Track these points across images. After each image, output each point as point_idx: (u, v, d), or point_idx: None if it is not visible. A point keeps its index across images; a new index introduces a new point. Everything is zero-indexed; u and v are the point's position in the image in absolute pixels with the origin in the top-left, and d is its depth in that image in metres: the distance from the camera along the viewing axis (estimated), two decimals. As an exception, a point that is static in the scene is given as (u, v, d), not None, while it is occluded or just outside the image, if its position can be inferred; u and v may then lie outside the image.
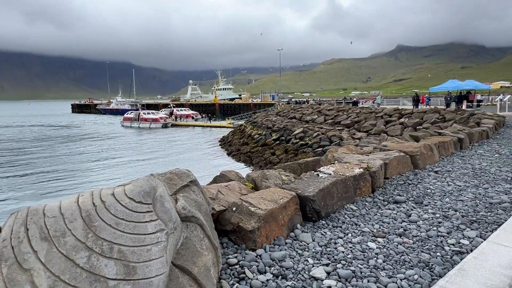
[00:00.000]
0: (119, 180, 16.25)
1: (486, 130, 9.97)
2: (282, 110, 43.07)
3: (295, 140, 23.44)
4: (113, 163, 22.35)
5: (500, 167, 5.70)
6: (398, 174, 5.10)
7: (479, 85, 32.26)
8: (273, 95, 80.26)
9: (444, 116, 20.59)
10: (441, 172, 5.37)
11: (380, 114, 26.44)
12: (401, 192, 4.28)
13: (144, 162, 22.74)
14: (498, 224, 3.25)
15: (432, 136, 8.03)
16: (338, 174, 3.97)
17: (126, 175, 17.62)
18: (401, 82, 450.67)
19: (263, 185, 3.69)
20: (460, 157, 6.73)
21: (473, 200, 3.96)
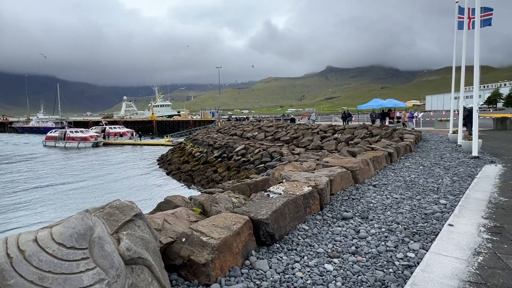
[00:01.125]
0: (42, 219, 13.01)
1: (409, 144, 11.07)
2: (223, 127, 43.02)
3: (237, 157, 23.41)
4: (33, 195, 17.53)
5: (426, 179, 6.29)
6: (342, 190, 5.28)
7: (397, 104, 36.31)
8: (213, 112, 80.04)
9: (372, 131, 22.54)
10: (379, 186, 5.71)
11: (316, 130, 27.92)
12: (348, 208, 4.41)
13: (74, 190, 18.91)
14: (435, 234, 3.49)
15: (366, 151, 8.61)
16: (288, 193, 3.93)
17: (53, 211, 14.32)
18: (332, 100, 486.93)
19: (213, 210, 3.46)
20: (392, 170, 7.29)
21: (411, 212, 4.24)
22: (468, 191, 5.30)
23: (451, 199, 4.86)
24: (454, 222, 3.84)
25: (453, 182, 6.00)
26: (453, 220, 3.91)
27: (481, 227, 3.66)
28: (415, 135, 14.69)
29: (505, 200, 4.77)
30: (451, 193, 5.18)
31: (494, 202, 4.66)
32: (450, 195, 5.06)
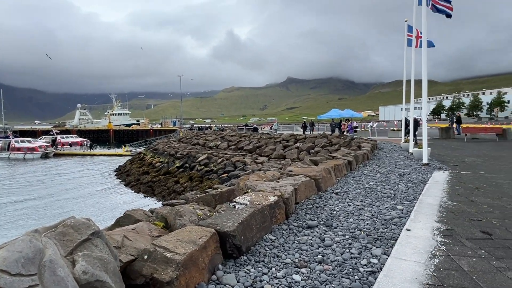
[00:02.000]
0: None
1: (366, 153, 11.62)
2: (185, 137, 42.17)
3: (200, 166, 22.99)
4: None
5: (384, 185, 6.61)
6: (306, 198, 5.36)
7: (354, 114, 38.17)
8: (174, 121, 78.29)
9: (331, 140, 23.38)
10: (340, 193, 5.88)
11: (278, 139, 28.37)
12: (312, 216, 4.47)
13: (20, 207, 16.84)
14: (395, 239, 3.65)
15: (328, 160, 8.88)
16: (254, 203, 3.90)
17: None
18: (293, 110, 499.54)
19: (177, 223, 3.32)
20: (352, 178, 7.57)
21: (371, 218, 4.40)
22: (421, 196, 5.64)
23: (407, 204, 5.13)
24: (411, 226, 4.04)
25: (408, 188, 6.36)
26: (410, 225, 4.12)
27: (435, 231, 3.89)
28: (371, 143, 15.47)
29: (453, 204, 5.14)
30: (407, 199, 5.48)
31: (444, 206, 5.00)
32: (406, 201, 5.35)
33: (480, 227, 4.02)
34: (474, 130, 21.94)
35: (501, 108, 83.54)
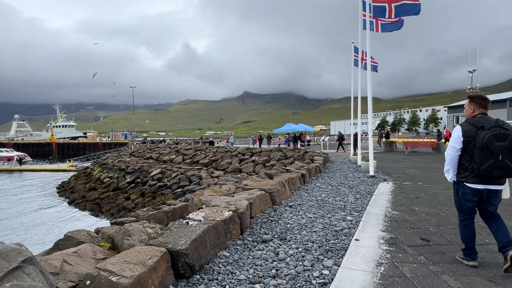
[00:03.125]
0: None
1: (318, 166, 12.07)
2: (137, 150, 40.36)
3: (153, 181, 22.09)
4: None
5: (335, 197, 6.89)
6: (261, 212, 5.38)
7: (308, 128, 39.65)
8: (126, 133, 74.71)
9: (286, 154, 23.96)
10: (294, 206, 6.01)
11: (234, 153, 28.38)
12: (267, 230, 4.49)
13: None
14: (345, 250, 3.79)
15: (282, 173, 9.05)
16: (208, 219, 3.82)
17: None
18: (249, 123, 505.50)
19: (125, 243, 3.13)
20: (305, 191, 7.79)
21: (323, 230, 4.54)
22: (368, 207, 5.97)
23: (356, 215, 5.39)
24: (359, 236, 4.24)
25: (356, 199, 6.70)
26: (358, 235, 4.32)
27: (381, 240, 4.12)
28: (323, 157, 16.12)
29: (396, 213, 5.51)
30: (356, 210, 5.76)
31: (389, 216, 5.34)
32: (355, 212, 5.62)
33: (420, 234, 4.35)
34: (413, 144, 23.94)
35: (435, 124, 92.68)
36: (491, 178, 3.09)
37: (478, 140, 3.05)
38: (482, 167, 3.01)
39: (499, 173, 3.02)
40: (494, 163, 2.97)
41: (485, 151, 2.99)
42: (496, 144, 2.96)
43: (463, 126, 3.24)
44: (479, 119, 3.17)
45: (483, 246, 3.87)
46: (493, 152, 2.97)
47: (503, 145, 2.96)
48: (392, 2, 9.56)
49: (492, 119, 3.14)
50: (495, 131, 3.00)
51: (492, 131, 3.00)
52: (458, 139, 3.20)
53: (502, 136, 2.97)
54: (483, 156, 3.01)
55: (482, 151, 3.01)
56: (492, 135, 2.98)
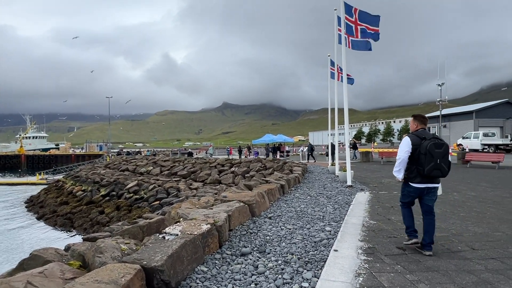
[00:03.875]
0: None
1: (298, 176, 12.15)
2: (113, 162, 39.13)
3: (129, 194, 21.42)
4: None
5: (314, 208, 6.93)
6: (240, 224, 5.31)
7: (287, 139, 40.02)
8: (101, 145, 72.43)
9: (265, 164, 23.99)
10: (273, 218, 5.98)
11: (214, 164, 28.11)
12: (246, 243, 4.42)
13: None
14: (324, 261, 3.79)
15: (262, 184, 9.03)
16: (186, 233, 3.72)
17: None
18: (228, 134, 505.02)
19: (97, 261, 2.97)
20: (284, 202, 7.79)
21: (303, 241, 4.53)
22: (346, 217, 6.03)
23: (334, 225, 5.43)
24: (338, 247, 4.26)
25: (335, 209, 6.76)
26: (337, 245, 4.34)
27: (359, 250, 4.16)
28: (302, 167, 16.27)
29: (374, 223, 5.60)
30: (334, 220, 5.80)
31: (366, 225, 5.42)
32: (334, 222, 5.67)
33: (396, 243, 4.42)
34: (388, 154, 24.67)
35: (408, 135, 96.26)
36: (431, 178, 3.95)
37: (422, 147, 3.91)
38: (426, 168, 3.84)
39: (437, 174, 3.89)
40: (434, 165, 3.83)
41: (428, 156, 3.83)
42: (436, 151, 3.83)
43: (411, 136, 4.10)
44: (421, 132, 4.09)
45: (456, 253, 3.99)
46: (433, 157, 3.82)
47: (440, 151, 3.85)
48: (358, 25, 10.03)
49: (430, 133, 4.09)
50: (434, 141, 3.89)
51: (432, 141, 3.88)
52: (408, 145, 4.02)
53: (439, 145, 3.88)
54: (427, 160, 3.84)
55: (425, 156, 3.85)
56: (432, 144, 3.85)
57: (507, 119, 38.66)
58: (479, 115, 39.32)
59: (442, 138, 4.13)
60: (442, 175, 3.90)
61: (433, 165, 3.82)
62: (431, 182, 4.00)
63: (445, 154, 3.88)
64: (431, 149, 3.83)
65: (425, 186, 4.01)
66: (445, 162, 3.86)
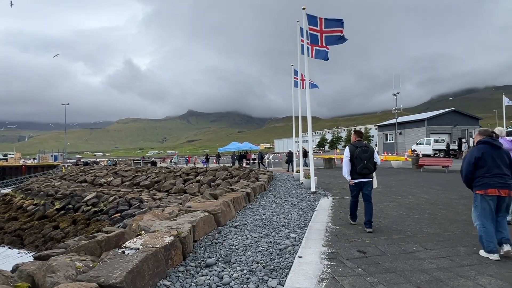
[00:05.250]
0: None
1: (263, 184, 12.23)
2: (69, 173, 36.84)
3: (87, 207, 20.24)
4: None
5: (279, 215, 7.00)
6: (205, 235, 5.22)
7: (252, 147, 40.23)
8: (55, 155, 67.92)
9: (231, 172, 23.89)
10: (239, 226, 5.95)
11: (178, 173, 27.48)
12: (211, 254, 4.35)
13: None
14: (289, 268, 3.82)
15: (227, 193, 8.96)
16: (147, 247, 3.58)
17: None
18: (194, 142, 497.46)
19: (48, 281, 2.76)
20: (250, 210, 7.79)
21: (268, 249, 4.54)
22: (310, 223, 6.16)
23: (299, 232, 5.52)
24: (302, 253, 4.33)
25: (299, 216, 6.88)
26: (301, 251, 4.41)
27: (322, 255, 4.26)
28: (268, 175, 16.41)
29: (336, 227, 5.77)
30: (299, 226, 5.90)
31: (329, 230, 5.56)
32: (298, 228, 5.75)
33: (357, 247, 4.59)
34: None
35: (368, 141, 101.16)
36: (363, 174, 5.60)
37: (355, 153, 5.60)
38: (357, 168, 5.56)
39: (365, 171, 5.57)
40: (363, 166, 5.53)
41: (357, 159, 5.56)
42: (363, 155, 5.55)
43: (349, 146, 5.80)
44: (357, 143, 5.78)
45: (412, 254, 4.22)
46: (362, 160, 5.54)
47: (366, 155, 5.56)
48: (324, 33, 10.46)
49: (362, 143, 5.79)
50: (362, 148, 5.61)
51: (361, 149, 5.61)
52: (347, 153, 5.73)
53: (365, 151, 5.59)
54: (357, 162, 5.57)
55: (357, 159, 5.57)
56: (361, 150, 5.59)
57: (454, 126, 41.97)
58: (430, 122, 42.30)
59: (369, 145, 5.76)
60: (369, 172, 5.59)
61: (362, 165, 5.53)
62: (364, 177, 5.63)
63: (370, 157, 5.58)
64: (360, 154, 5.55)
65: (360, 180, 5.66)
66: (371, 162, 5.57)
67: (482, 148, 4.25)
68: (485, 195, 4.11)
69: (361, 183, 5.65)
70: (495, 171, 4.11)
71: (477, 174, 4.21)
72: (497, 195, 4.06)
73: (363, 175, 5.57)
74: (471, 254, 4.15)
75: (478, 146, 4.34)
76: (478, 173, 4.20)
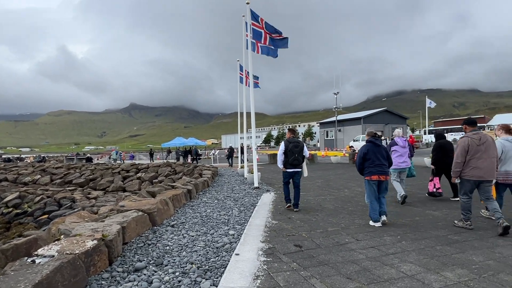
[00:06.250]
0: None
1: (207, 180, 11.98)
2: (-15, 171, 32.36)
3: (7, 209, 17.95)
4: None
5: (219, 211, 6.85)
6: (138, 236, 4.87)
7: (198, 142, 39.39)
8: (-31, 150, 59.19)
9: (175, 169, 23.11)
10: (176, 225, 5.67)
11: (117, 170, 25.81)
12: (142, 257, 4.04)
13: None
14: (224, 267, 3.70)
15: (166, 190, 8.56)
16: (64, 253, 3.18)
17: None
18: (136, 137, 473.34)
19: None
20: (190, 207, 7.52)
21: (204, 248, 4.37)
22: (251, 219, 6.12)
23: (238, 228, 5.44)
24: (240, 251, 4.24)
25: (240, 212, 6.81)
26: (239, 249, 4.32)
27: (260, 251, 4.22)
28: (212, 171, 16.16)
29: (275, 222, 5.81)
30: (238, 223, 5.82)
31: (268, 226, 5.58)
32: (238, 225, 5.67)
33: (294, 241, 4.65)
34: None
35: (311, 138, 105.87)
36: (294, 165, 6.81)
37: (289, 148, 6.80)
38: (289, 160, 6.77)
39: (296, 162, 6.81)
40: (294, 158, 6.75)
41: (290, 153, 6.77)
42: (294, 149, 6.76)
43: (284, 141, 7.02)
44: (291, 139, 6.98)
45: (344, 245, 4.38)
46: (294, 153, 6.76)
47: (297, 149, 6.77)
48: (267, 33, 10.51)
49: (295, 139, 7.00)
50: (294, 143, 6.84)
51: (293, 144, 6.82)
52: (282, 147, 6.91)
53: (297, 146, 6.82)
54: (289, 155, 6.78)
55: (290, 152, 6.77)
56: (293, 145, 6.81)
57: (386, 125, 45.84)
58: (365, 121, 45.62)
59: (300, 141, 7.04)
60: (299, 163, 6.84)
61: (293, 158, 6.75)
62: (295, 168, 6.86)
63: (300, 151, 6.79)
64: (292, 148, 6.77)
65: (292, 170, 6.88)
66: (300, 155, 6.81)
67: (368, 146, 5.64)
68: (370, 180, 5.51)
69: (292, 173, 6.87)
70: (376, 162, 5.48)
71: (365, 165, 5.57)
72: (378, 180, 5.47)
73: (294, 166, 6.80)
74: (396, 243, 4.45)
75: (365, 145, 5.71)
76: (366, 164, 5.56)
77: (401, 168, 7.43)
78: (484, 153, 4.92)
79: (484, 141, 4.97)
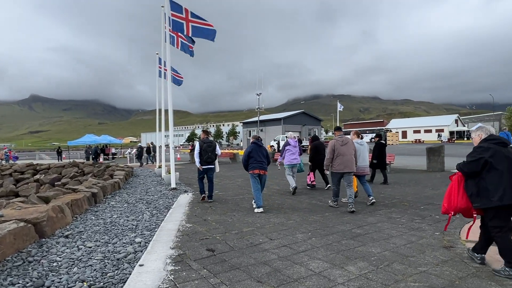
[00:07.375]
0: None
1: (118, 182, 10.90)
2: None
3: None
4: None
5: (128, 217, 6.20)
6: (16, 252, 4.02)
7: (113, 140, 36.21)
8: None
9: (83, 169, 20.68)
10: (72, 236, 4.90)
11: (8, 171, 21.96)
12: (17, 278, 3.31)
13: None
14: (124, 281, 3.25)
15: (65, 195, 7.44)
16: None
17: None
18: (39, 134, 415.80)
19: None
20: (94, 213, 6.66)
21: (102, 261, 3.82)
22: (163, 223, 5.66)
23: (147, 234, 4.95)
24: (145, 260, 3.81)
25: (152, 216, 6.28)
26: (144, 258, 3.89)
27: (168, 259, 3.85)
28: (126, 171, 14.87)
29: (189, 226, 5.48)
30: (148, 228, 5.32)
31: (182, 230, 5.21)
32: (147, 231, 5.17)
33: (207, 245, 4.40)
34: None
35: (234, 137, 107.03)
36: (208, 162, 7.68)
37: (203, 147, 7.65)
38: (204, 157, 7.65)
39: (209, 160, 7.70)
40: (208, 156, 7.63)
41: (204, 151, 7.63)
42: (208, 149, 7.64)
43: (199, 142, 7.79)
44: (205, 139, 7.79)
45: (257, 246, 4.30)
46: (207, 152, 7.62)
47: (210, 148, 7.66)
48: (190, 22, 10.01)
49: (209, 139, 7.80)
50: (208, 143, 7.70)
51: (207, 144, 7.68)
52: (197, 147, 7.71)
53: (210, 145, 7.68)
54: (203, 153, 7.66)
55: (204, 151, 7.65)
56: (206, 145, 7.67)
57: (303, 126, 48.96)
58: (285, 121, 48.00)
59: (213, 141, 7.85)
60: (212, 160, 7.72)
61: (207, 156, 7.65)
62: (209, 164, 7.74)
63: (213, 150, 7.71)
64: (206, 148, 7.64)
65: (206, 166, 7.75)
66: (213, 154, 7.72)
67: (252, 146, 6.86)
68: (253, 174, 6.67)
69: (206, 169, 7.77)
70: (258, 159, 6.71)
71: (250, 162, 6.74)
72: (258, 173, 6.66)
73: (208, 163, 7.72)
74: (307, 240, 4.56)
75: (250, 145, 6.92)
76: (250, 161, 6.74)
77: (293, 164, 8.92)
78: (346, 152, 6.54)
79: (346, 143, 6.63)
